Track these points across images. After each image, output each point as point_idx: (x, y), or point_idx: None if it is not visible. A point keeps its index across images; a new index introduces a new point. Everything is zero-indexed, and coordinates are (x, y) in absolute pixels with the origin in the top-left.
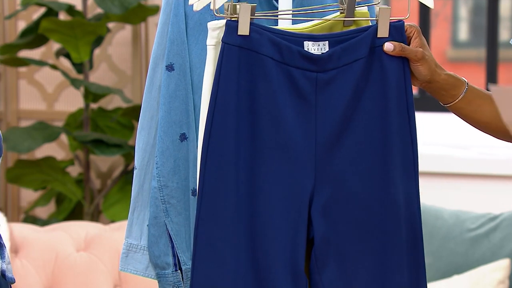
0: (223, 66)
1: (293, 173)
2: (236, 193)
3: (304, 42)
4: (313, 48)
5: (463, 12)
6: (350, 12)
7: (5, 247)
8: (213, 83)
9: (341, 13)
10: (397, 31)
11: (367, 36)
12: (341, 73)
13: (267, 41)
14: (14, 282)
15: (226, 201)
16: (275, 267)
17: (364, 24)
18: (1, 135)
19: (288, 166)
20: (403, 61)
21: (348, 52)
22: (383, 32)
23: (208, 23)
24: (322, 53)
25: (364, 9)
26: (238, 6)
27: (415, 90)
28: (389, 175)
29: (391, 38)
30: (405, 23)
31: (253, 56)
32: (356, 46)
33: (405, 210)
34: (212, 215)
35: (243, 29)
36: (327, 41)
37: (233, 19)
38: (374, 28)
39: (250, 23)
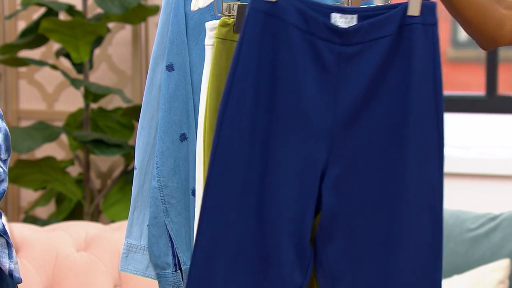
0: (247, 31)
1: (308, 144)
2: (248, 158)
3: (332, 14)
4: (340, 20)
5: None
6: None
7: (12, 246)
8: (236, 48)
9: None
10: (429, 10)
11: (397, 14)
12: (366, 48)
13: (293, 9)
14: (21, 282)
15: (238, 165)
16: (280, 235)
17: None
18: (9, 133)
19: (303, 137)
20: (434, 41)
21: (376, 27)
22: (414, 10)
23: (206, 23)
24: (349, 26)
25: None
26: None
27: None
28: (405, 158)
29: (421, 17)
30: None
31: (278, 24)
32: (385, 23)
33: (422, 194)
34: (223, 177)
35: None
36: (356, 15)
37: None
38: (405, 6)
39: None
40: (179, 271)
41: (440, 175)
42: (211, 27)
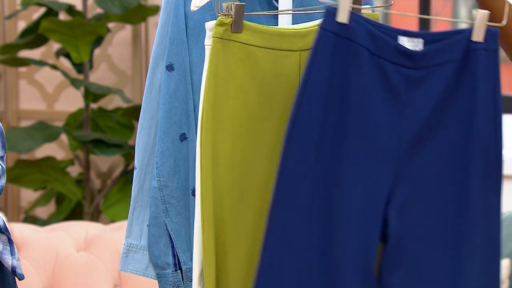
0: (318, 51)
1: (374, 168)
2: (314, 180)
3: (399, 36)
4: (407, 44)
5: (463, 12)
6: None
7: (14, 243)
8: (305, 69)
9: None
10: (492, 37)
11: (462, 39)
12: (432, 72)
13: (364, 31)
14: (24, 278)
15: (304, 187)
16: (345, 261)
17: None
18: (3, 131)
19: (369, 160)
20: (496, 67)
21: (442, 52)
22: (478, 36)
23: (206, 23)
24: (416, 50)
25: (368, 11)
26: (233, 5)
27: None
28: (468, 182)
29: (485, 43)
30: None
31: (349, 45)
32: (450, 48)
33: (483, 219)
34: (288, 200)
35: (343, 16)
36: (422, 39)
37: (333, 5)
38: (469, 31)
39: (351, 12)
40: (179, 271)
41: (497, 196)
42: (211, 27)
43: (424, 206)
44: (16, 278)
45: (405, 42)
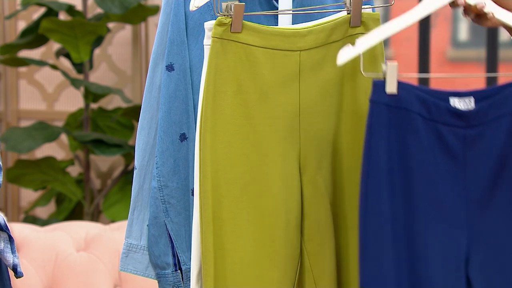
0: (373, 125)
1: (447, 230)
2: (394, 253)
3: (450, 98)
4: (459, 104)
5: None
6: (357, 13)
7: (14, 241)
8: (365, 143)
9: (348, 13)
10: None
11: None
12: (488, 128)
13: (414, 98)
14: (22, 276)
15: (385, 261)
16: None
17: (372, 25)
18: None
19: (442, 224)
20: None
21: (495, 107)
22: None
23: (205, 23)
24: (468, 109)
25: (369, 10)
26: (231, 4)
27: None
28: None
29: None
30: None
31: (402, 114)
32: (503, 101)
33: None
34: (373, 276)
35: (391, 87)
36: (473, 97)
37: (380, 78)
38: None
39: (398, 81)
40: (179, 271)
41: None
42: (210, 27)
43: (504, 262)
44: (12, 276)
45: (456, 102)
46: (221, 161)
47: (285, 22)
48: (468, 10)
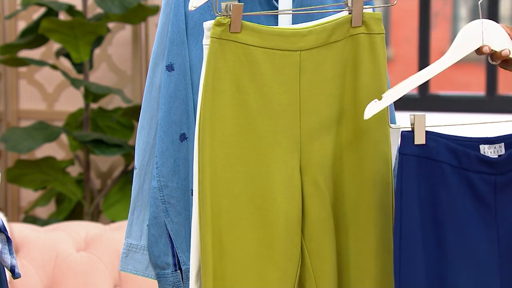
0: (404, 177)
1: (481, 278)
2: None
3: (480, 145)
4: (489, 151)
5: (463, 12)
6: (358, 12)
7: (12, 242)
8: (395, 194)
9: (349, 13)
10: None
11: None
12: None
13: (443, 148)
14: (20, 276)
15: None
16: None
17: (374, 25)
18: None
19: (475, 273)
20: None
21: None
22: None
23: (204, 22)
24: (499, 155)
25: (370, 10)
26: (230, 4)
27: (414, 91)
28: None
29: None
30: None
31: (431, 164)
32: None
33: None
34: None
35: (420, 138)
36: (503, 143)
37: (404, 129)
38: None
39: (426, 131)
40: (179, 271)
41: None
42: (209, 27)
43: None
44: (9, 277)
45: (486, 149)
46: (220, 161)
47: (285, 22)
48: (494, 56)
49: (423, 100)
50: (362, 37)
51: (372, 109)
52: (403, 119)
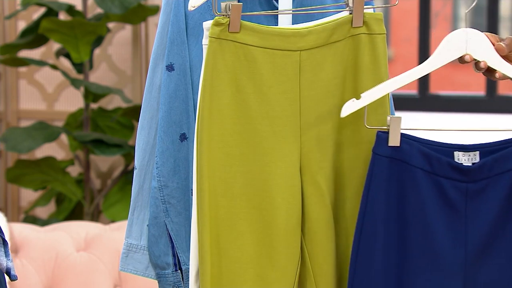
0: (373, 176)
1: (442, 282)
2: None
3: (454, 152)
4: (463, 158)
5: (463, 12)
6: (359, 13)
7: (8, 244)
8: (363, 193)
9: (350, 13)
10: None
11: None
12: (492, 183)
13: (417, 152)
14: (17, 279)
15: None
16: None
17: (375, 25)
18: None
19: (436, 277)
20: None
21: (500, 162)
22: None
23: (204, 22)
24: (473, 163)
25: (371, 10)
26: (229, 4)
27: (414, 90)
28: None
29: None
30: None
31: (403, 167)
32: (508, 156)
33: None
34: None
35: (394, 140)
36: (478, 151)
37: (381, 129)
38: None
39: (401, 134)
40: (179, 271)
41: None
42: (208, 26)
43: None
44: (8, 279)
45: (460, 156)
46: (218, 160)
47: (285, 22)
48: (477, 65)
49: (423, 100)
50: (363, 37)
51: (349, 108)
52: (403, 119)
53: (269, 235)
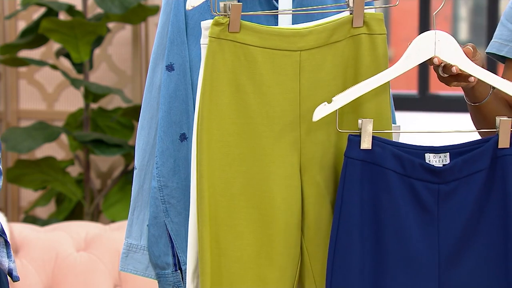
0: (347, 180)
1: (417, 282)
2: None
3: (426, 154)
4: (434, 160)
5: (463, 12)
6: (359, 13)
7: (10, 245)
8: (337, 197)
9: (350, 13)
10: None
11: (488, 147)
12: (462, 184)
13: (389, 154)
14: (19, 280)
15: None
16: None
17: (375, 25)
18: None
19: (412, 278)
20: None
21: (470, 163)
22: (504, 142)
23: (202, 22)
24: (443, 164)
25: (372, 10)
26: (228, 4)
27: (414, 90)
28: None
29: (511, 148)
30: (467, 47)
31: (376, 170)
32: (478, 157)
33: None
34: None
35: (366, 143)
36: (448, 153)
37: (352, 133)
38: (495, 139)
39: (373, 137)
40: (179, 271)
41: None
42: (207, 26)
43: None
44: (10, 279)
45: (431, 158)
46: (218, 160)
47: (285, 22)
48: (445, 68)
49: (423, 100)
50: (363, 38)
51: (320, 112)
52: (403, 119)
53: (268, 235)
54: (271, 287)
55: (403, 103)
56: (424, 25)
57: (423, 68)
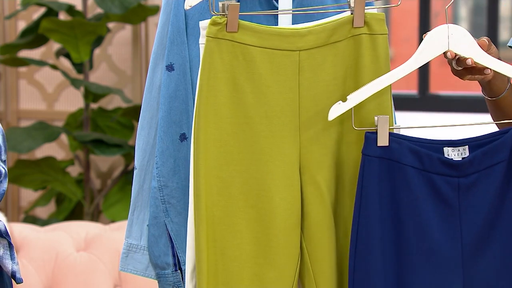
0: (365, 177)
1: (442, 278)
2: None
3: (444, 148)
4: (453, 153)
5: (463, 12)
6: (360, 13)
7: (13, 247)
8: (356, 195)
9: (351, 13)
10: None
11: (507, 139)
12: (482, 176)
13: (406, 150)
14: (22, 282)
15: None
16: None
17: (376, 26)
18: (4, 134)
19: (435, 272)
20: None
21: (489, 155)
22: None
23: (200, 22)
24: (462, 158)
25: (374, 10)
26: (226, 4)
27: (414, 90)
28: None
29: None
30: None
31: (394, 166)
32: (497, 149)
33: None
34: None
35: (383, 140)
36: (467, 146)
37: (369, 130)
38: None
39: (389, 133)
40: (179, 271)
41: None
42: (205, 26)
43: None
44: (13, 281)
45: (450, 151)
46: (215, 160)
47: (285, 22)
48: (459, 61)
49: (423, 100)
50: (364, 38)
51: (336, 110)
52: (403, 119)
53: (267, 234)
54: (269, 286)
55: (403, 103)
56: (424, 25)
57: (423, 68)
